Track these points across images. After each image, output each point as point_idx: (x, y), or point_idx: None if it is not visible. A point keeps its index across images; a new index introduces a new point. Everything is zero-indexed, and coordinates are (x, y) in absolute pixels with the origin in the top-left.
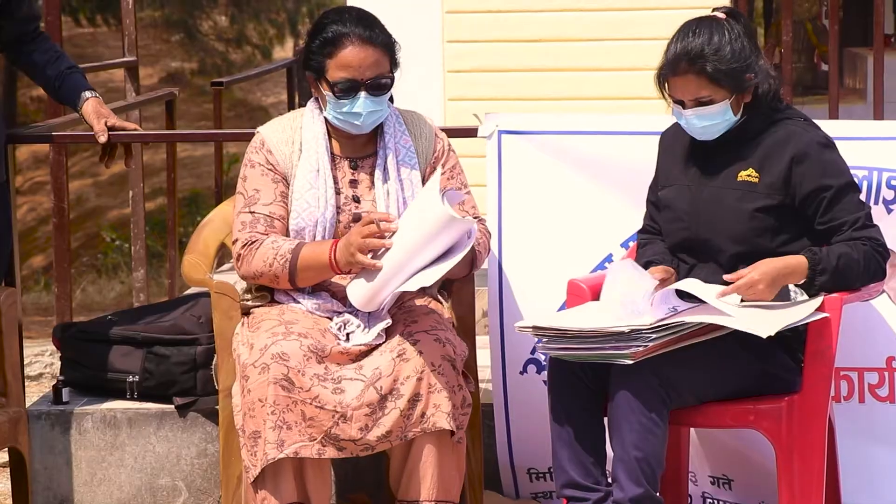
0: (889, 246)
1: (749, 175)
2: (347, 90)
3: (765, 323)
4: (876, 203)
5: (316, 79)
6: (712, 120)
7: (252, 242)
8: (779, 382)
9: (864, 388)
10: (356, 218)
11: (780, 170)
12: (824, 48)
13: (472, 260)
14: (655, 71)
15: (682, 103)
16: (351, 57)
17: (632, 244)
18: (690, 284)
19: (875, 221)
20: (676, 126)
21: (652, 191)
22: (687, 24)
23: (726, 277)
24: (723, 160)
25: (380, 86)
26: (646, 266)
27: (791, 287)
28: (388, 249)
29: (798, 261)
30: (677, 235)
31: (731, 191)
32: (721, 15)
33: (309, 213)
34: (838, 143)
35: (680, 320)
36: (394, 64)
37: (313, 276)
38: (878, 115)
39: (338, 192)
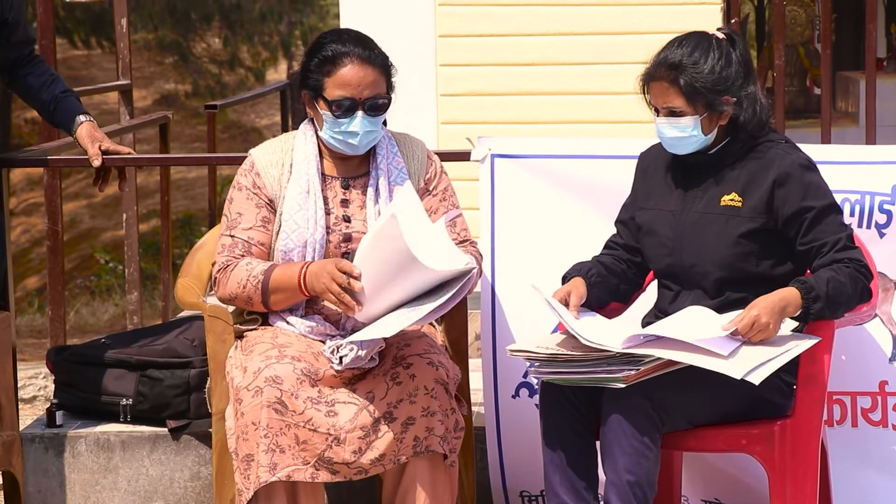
0: (882, 270)
1: (732, 199)
2: (345, 109)
3: (744, 364)
4: (868, 227)
5: (313, 97)
6: (681, 132)
7: (227, 266)
8: (771, 406)
9: (856, 412)
10: (347, 237)
11: (762, 193)
12: (817, 72)
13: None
14: (641, 72)
15: (657, 110)
16: (350, 76)
17: None
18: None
19: (867, 245)
20: (657, 148)
21: (625, 209)
22: (680, 35)
23: (724, 327)
24: (705, 185)
25: (377, 106)
26: (562, 279)
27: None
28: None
29: (790, 292)
30: (661, 262)
31: (714, 216)
32: (719, 34)
33: (298, 234)
34: (830, 167)
35: (648, 352)
36: (390, 86)
37: (285, 299)
38: (871, 138)
39: (328, 213)
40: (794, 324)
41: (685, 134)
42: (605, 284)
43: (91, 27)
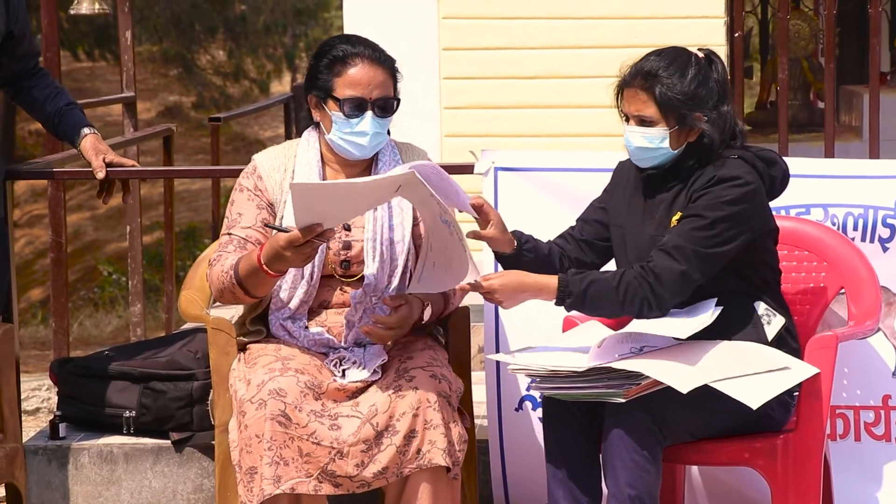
0: (885, 284)
1: (677, 220)
2: (355, 108)
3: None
4: (871, 241)
5: (322, 98)
6: (649, 142)
7: (212, 262)
8: (773, 420)
9: (860, 426)
10: (346, 245)
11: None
12: (820, 86)
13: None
14: (616, 78)
15: (627, 118)
16: (361, 75)
17: None
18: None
19: (870, 259)
20: (628, 163)
21: (592, 210)
22: (660, 48)
23: (463, 286)
24: (658, 204)
25: (386, 106)
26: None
27: (761, 309)
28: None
29: (549, 281)
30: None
31: (660, 237)
32: (699, 53)
33: None
34: (833, 182)
35: (621, 367)
36: (396, 91)
37: (258, 283)
38: (874, 152)
39: None
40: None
41: (653, 145)
42: (536, 259)
43: (95, 39)
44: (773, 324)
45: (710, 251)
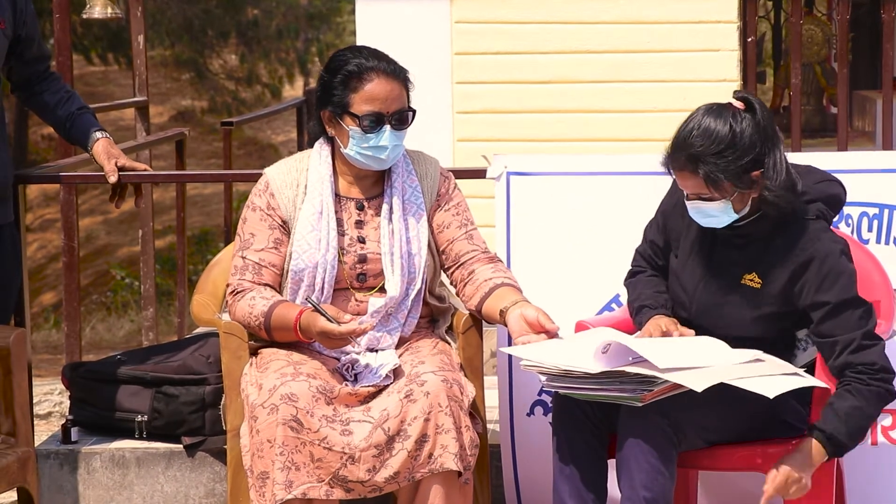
0: None
1: (752, 280)
2: (374, 123)
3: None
4: (887, 242)
5: (337, 114)
6: (711, 215)
7: (237, 292)
8: (787, 426)
9: (876, 429)
10: (362, 258)
11: (782, 280)
12: (833, 91)
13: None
14: (662, 156)
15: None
16: (378, 90)
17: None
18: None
19: (885, 261)
20: None
21: (654, 230)
22: (695, 113)
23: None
24: (729, 256)
25: (403, 119)
26: (639, 310)
27: (801, 334)
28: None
29: (812, 448)
30: (676, 314)
31: (733, 294)
32: (737, 103)
33: (309, 255)
34: (848, 177)
35: (635, 371)
36: (410, 101)
37: (286, 337)
38: None
39: (342, 234)
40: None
41: (717, 216)
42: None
43: (108, 44)
44: (808, 352)
45: (871, 321)
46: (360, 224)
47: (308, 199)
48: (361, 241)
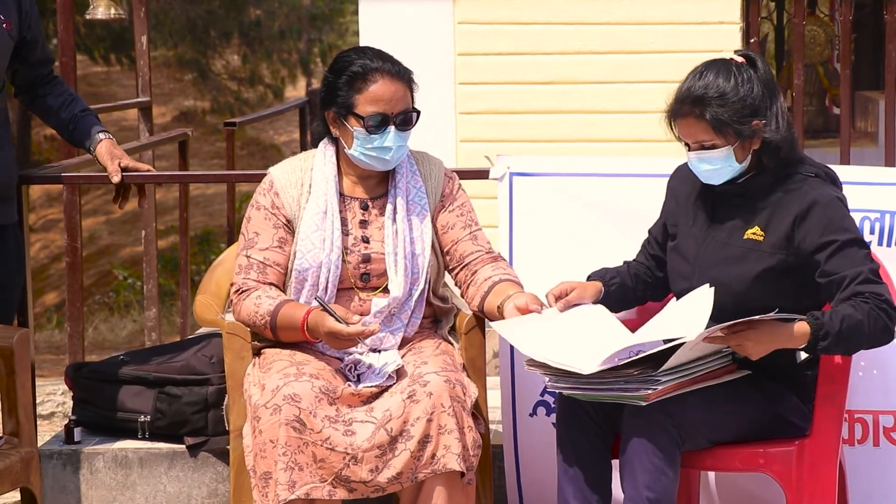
0: None
1: (755, 234)
2: (379, 124)
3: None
4: (889, 245)
5: (342, 115)
6: (715, 164)
7: (242, 291)
8: (790, 426)
9: (878, 431)
10: (366, 258)
11: (784, 228)
12: (836, 91)
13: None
14: (665, 110)
15: (687, 144)
16: (382, 91)
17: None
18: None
19: (886, 264)
20: (685, 169)
21: (658, 222)
22: (697, 67)
23: (707, 339)
24: (730, 214)
25: (408, 119)
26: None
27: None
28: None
29: (800, 327)
30: (678, 285)
31: (735, 248)
32: (738, 58)
33: (313, 254)
34: (850, 188)
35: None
36: (414, 101)
37: (293, 337)
38: (890, 158)
39: (347, 234)
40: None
41: (720, 165)
42: (622, 292)
43: (111, 44)
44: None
45: (875, 263)
46: (364, 224)
47: (312, 199)
48: (365, 240)
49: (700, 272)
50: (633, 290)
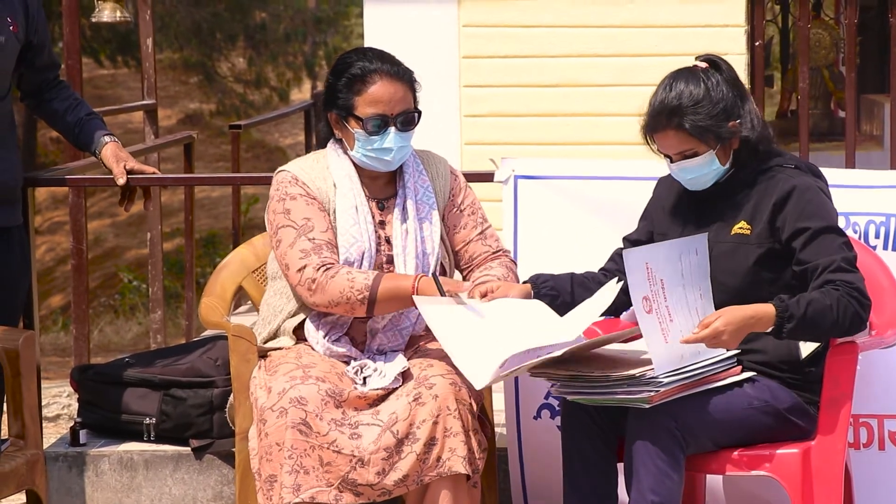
0: None
1: (741, 228)
2: (378, 126)
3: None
4: (894, 248)
5: (343, 117)
6: (699, 171)
7: (327, 267)
8: (797, 429)
9: (884, 435)
10: (389, 259)
11: (765, 218)
12: (841, 95)
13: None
14: (641, 126)
15: (669, 157)
16: (381, 92)
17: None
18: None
19: (892, 265)
20: (670, 176)
21: (638, 231)
22: (665, 79)
23: (685, 340)
24: (715, 214)
25: (408, 120)
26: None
27: None
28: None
29: (765, 309)
30: None
31: (725, 244)
32: (701, 64)
33: (357, 247)
34: (855, 191)
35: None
36: (416, 101)
37: (392, 307)
38: (895, 161)
39: (375, 232)
40: None
41: (705, 171)
42: (551, 299)
43: (117, 46)
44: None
45: (852, 252)
46: (382, 224)
47: (341, 194)
48: (388, 241)
49: None
50: (568, 294)
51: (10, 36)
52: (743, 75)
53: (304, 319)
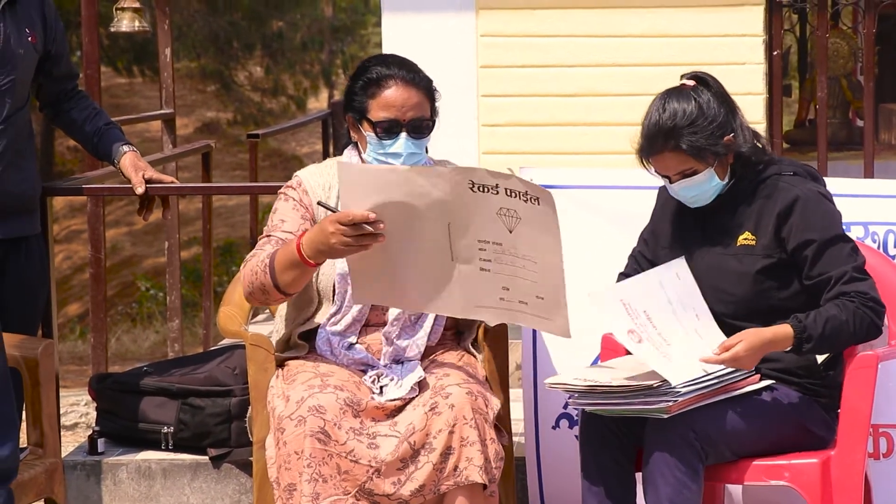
0: None
1: (746, 239)
2: (389, 130)
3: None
4: None
5: (357, 120)
6: (700, 189)
7: (249, 259)
8: (816, 439)
9: None
10: None
11: (771, 229)
12: (859, 104)
13: None
14: (636, 150)
15: (668, 177)
16: (394, 97)
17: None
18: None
19: None
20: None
21: (642, 241)
22: (655, 100)
23: (704, 359)
24: (719, 226)
25: (420, 128)
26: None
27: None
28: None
29: (784, 331)
30: None
31: (731, 257)
32: (689, 83)
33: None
34: (874, 201)
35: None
36: (434, 111)
37: (294, 277)
38: None
39: None
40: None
41: (705, 188)
42: None
43: (135, 56)
44: None
45: (860, 257)
46: None
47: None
48: None
49: (700, 286)
50: None
51: (29, 47)
52: (761, 85)
53: (317, 328)
